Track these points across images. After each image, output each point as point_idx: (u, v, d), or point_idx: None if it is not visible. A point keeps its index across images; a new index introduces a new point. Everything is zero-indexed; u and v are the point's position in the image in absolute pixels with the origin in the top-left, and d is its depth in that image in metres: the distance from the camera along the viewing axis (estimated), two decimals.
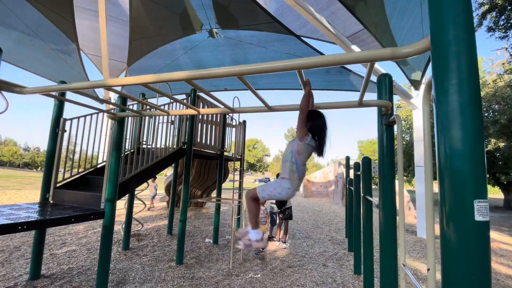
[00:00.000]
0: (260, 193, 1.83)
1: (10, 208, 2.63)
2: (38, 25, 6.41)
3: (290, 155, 1.82)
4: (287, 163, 1.82)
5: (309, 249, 5.22)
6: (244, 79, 1.56)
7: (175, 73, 1.44)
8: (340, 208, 12.60)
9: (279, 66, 1.21)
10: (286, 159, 1.84)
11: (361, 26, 5.84)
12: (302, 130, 1.79)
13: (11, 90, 1.95)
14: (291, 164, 1.80)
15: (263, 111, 2.04)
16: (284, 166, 1.85)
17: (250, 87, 1.78)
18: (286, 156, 1.85)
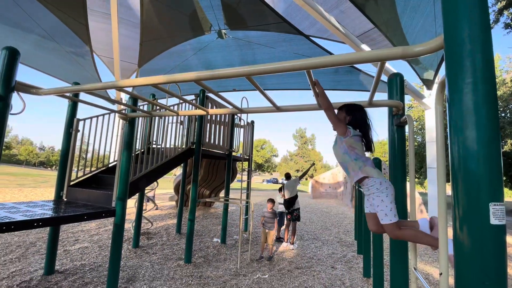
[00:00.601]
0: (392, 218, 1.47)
1: (27, 205, 2.72)
2: (54, 28, 6.61)
3: (347, 155, 1.63)
4: (350, 163, 1.63)
5: (317, 250, 5.17)
6: (252, 80, 1.56)
7: (185, 74, 1.46)
8: (349, 209, 12.44)
9: (287, 66, 1.21)
10: (346, 160, 1.64)
11: (371, 25, 5.75)
12: (340, 126, 1.63)
13: (28, 91, 2.02)
14: (356, 162, 1.61)
15: (271, 111, 2.03)
16: (352, 167, 1.62)
17: (259, 88, 1.79)
18: (344, 159, 1.66)
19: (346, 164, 1.65)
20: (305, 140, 64.47)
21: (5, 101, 1.86)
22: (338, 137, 1.67)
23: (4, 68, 1.87)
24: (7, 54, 1.90)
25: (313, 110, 1.94)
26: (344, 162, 1.65)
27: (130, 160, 2.81)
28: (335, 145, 1.71)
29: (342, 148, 1.64)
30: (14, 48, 1.94)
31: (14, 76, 1.93)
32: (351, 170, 1.62)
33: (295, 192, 5.57)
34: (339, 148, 1.66)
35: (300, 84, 7.80)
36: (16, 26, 6.40)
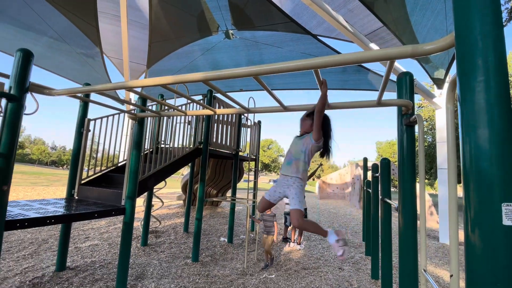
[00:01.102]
0: (301, 208, 1.82)
1: (40, 203, 2.80)
2: (65, 31, 6.77)
3: (303, 154, 1.85)
4: (300, 161, 1.85)
5: (324, 251, 5.14)
6: (260, 79, 1.57)
7: (192, 74, 1.47)
8: (357, 210, 12.30)
9: (295, 65, 1.21)
10: (298, 157, 1.86)
11: (380, 23, 5.68)
12: (320, 132, 1.81)
13: (41, 92, 2.07)
14: (304, 164, 1.84)
15: (278, 111, 2.03)
16: (297, 164, 1.85)
17: (266, 87, 1.79)
18: (298, 154, 1.86)
19: (297, 159, 1.85)
20: None
21: (20, 102, 1.92)
22: (310, 138, 1.85)
23: (18, 69, 1.93)
24: (21, 56, 1.96)
25: None
26: (297, 157, 1.86)
27: (139, 159, 2.86)
28: (303, 140, 1.90)
29: (307, 148, 1.85)
30: (28, 50, 2.00)
31: (28, 77, 1.98)
32: (296, 165, 1.85)
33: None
34: (303, 145, 1.87)
35: (307, 83, 7.76)
36: (29, 29, 6.58)
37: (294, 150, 1.91)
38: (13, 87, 1.91)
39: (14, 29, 6.45)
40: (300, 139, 1.93)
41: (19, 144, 49.53)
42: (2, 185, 1.83)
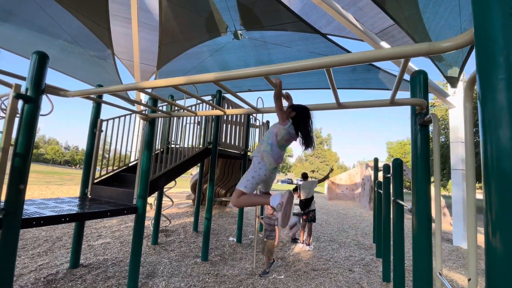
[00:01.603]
0: (241, 188, 1.87)
1: (54, 201, 2.88)
2: (79, 34, 6.94)
3: (268, 136, 1.95)
4: (263, 143, 1.96)
5: (334, 253, 5.09)
6: (270, 79, 1.56)
7: (204, 75, 1.48)
8: (367, 211, 12.12)
9: (307, 65, 1.20)
10: (264, 140, 1.97)
11: (391, 21, 5.58)
12: (282, 115, 1.91)
13: (57, 93, 2.13)
14: (266, 145, 1.93)
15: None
16: (259, 146, 1.98)
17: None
18: (265, 137, 1.98)
19: (262, 142, 1.98)
20: (320, 140, 63.55)
21: (36, 103, 1.98)
22: (277, 123, 1.97)
23: (34, 71, 1.99)
24: (37, 58, 2.01)
25: (332, 109, 1.92)
26: (263, 140, 1.99)
27: (150, 159, 2.90)
28: (273, 125, 2.01)
29: (273, 130, 1.95)
30: (44, 53, 2.06)
31: (44, 79, 2.04)
32: (258, 147, 1.97)
33: (312, 193, 5.50)
34: (271, 129, 1.98)
35: (315, 83, 7.70)
36: (43, 32, 6.78)
37: (265, 135, 2.03)
38: (29, 89, 1.96)
39: (29, 32, 6.65)
40: (271, 126, 2.06)
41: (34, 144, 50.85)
42: (19, 184, 1.89)
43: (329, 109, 2.00)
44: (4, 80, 1.90)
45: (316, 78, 7.24)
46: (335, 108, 1.88)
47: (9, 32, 6.50)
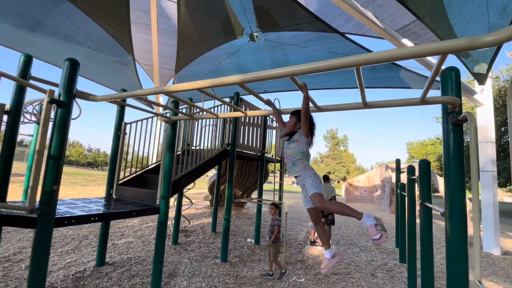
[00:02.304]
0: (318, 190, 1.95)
1: (83, 201, 3.00)
2: (102, 41, 7.25)
3: (300, 154, 2.05)
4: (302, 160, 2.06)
5: (355, 256, 4.95)
6: (295, 80, 1.55)
7: (229, 78, 1.49)
8: (387, 214, 11.73)
9: (336, 64, 1.17)
10: (298, 157, 2.05)
11: (412, 18, 5.41)
12: (308, 130, 2.02)
13: (86, 98, 2.22)
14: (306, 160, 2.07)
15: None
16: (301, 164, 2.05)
17: (304, 88, 1.76)
18: (297, 155, 2.05)
19: (298, 160, 2.04)
20: (336, 141, 62.33)
21: (68, 107, 2.07)
22: (300, 137, 2.04)
23: (67, 77, 2.09)
24: (69, 65, 2.12)
25: (357, 109, 1.87)
26: (297, 158, 2.04)
27: (173, 160, 2.96)
28: (293, 142, 2.09)
29: (303, 147, 2.04)
30: (75, 59, 2.16)
31: (75, 84, 2.14)
32: (301, 165, 2.04)
33: (330, 195, 5.39)
34: (298, 146, 2.05)
35: (335, 83, 7.58)
36: (69, 40, 7.14)
37: (292, 152, 2.08)
38: (62, 94, 2.06)
39: (57, 41, 7.02)
40: (291, 142, 2.10)
41: None
42: (53, 184, 1.99)
43: (352, 109, 1.95)
44: (39, 86, 2.00)
45: (335, 78, 7.12)
46: (361, 108, 1.84)
47: (38, 41, 6.90)
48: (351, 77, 7.21)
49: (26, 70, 2.61)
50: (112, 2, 6.14)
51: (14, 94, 2.60)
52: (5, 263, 3.30)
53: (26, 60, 2.65)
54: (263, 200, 5.21)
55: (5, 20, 5.97)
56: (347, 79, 7.07)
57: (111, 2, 6.15)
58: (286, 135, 2.18)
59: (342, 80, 7.17)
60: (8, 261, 3.40)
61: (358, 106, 1.88)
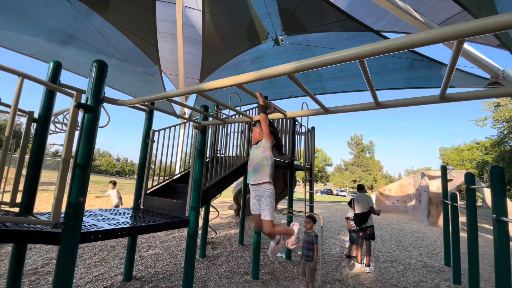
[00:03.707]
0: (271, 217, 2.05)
1: (110, 212, 2.86)
2: (130, 53, 7.41)
3: (265, 160, 2.05)
4: (265, 167, 2.05)
5: (400, 276, 4.40)
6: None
7: (278, 68, 1.24)
8: (426, 227, 10.74)
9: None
10: (263, 163, 2.06)
11: (455, 10, 4.92)
12: (270, 136, 2.09)
13: (115, 103, 2.07)
14: (269, 168, 2.05)
15: (371, 109, 1.66)
16: (263, 170, 2.05)
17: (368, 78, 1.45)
18: (263, 161, 2.06)
19: (263, 165, 2.04)
20: (362, 147, 60.06)
21: (96, 113, 1.92)
22: (265, 143, 2.10)
23: (95, 80, 1.95)
24: (97, 67, 1.98)
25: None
26: (263, 164, 2.05)
27: (203, 169, 2.74)
28: (260, 148, 2.12)
29: (267, 153, 2.07)
30: (103, 61, 2.02)
31: (103, 87, 1.99)
32: (263, 172, 2.04)
33: (367, 207, 4.90)
34: (262, 152, 2.08)
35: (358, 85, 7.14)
36: (100, 52, 7.38)
37: (256, 158, 2.10)
38: (89, 98, 1.92)
39: (89, 53, 7.28)
40: (257, 148, 2.15)
41: None
42: (79, 196, 1.82)
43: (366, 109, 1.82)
44: (68, 90, 1.87)
45: (359, 80, 6.68)
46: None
47: (71, 54, 7.20)
48: (384, 78, 6.72)
49: (55, 77, 2.55)
50: (140, 14, 6.26)
51: (42, 101, 2.54)
52: (32, 276, 3.22)
53: (55, 67, 2.59)
54: (294, 211, 4.85)
55: (39, 34, 6.27)
56: (379, 79, 6.59)
57: (138, 14, 6.27)
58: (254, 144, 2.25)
59: (374, 81, 6.71)
60: (35, 273, 3.33)
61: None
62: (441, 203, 11.34)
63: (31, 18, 5.82)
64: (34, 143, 2.47)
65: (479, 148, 25.75)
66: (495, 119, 17.28)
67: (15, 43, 6.66)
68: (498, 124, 17.32)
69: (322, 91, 8.07)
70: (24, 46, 6.68)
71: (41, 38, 6.39)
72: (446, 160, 38.05)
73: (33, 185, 2.45)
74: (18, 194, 2.40)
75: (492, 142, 18.64)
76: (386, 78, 6.71)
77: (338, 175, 62.59)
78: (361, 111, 1.73)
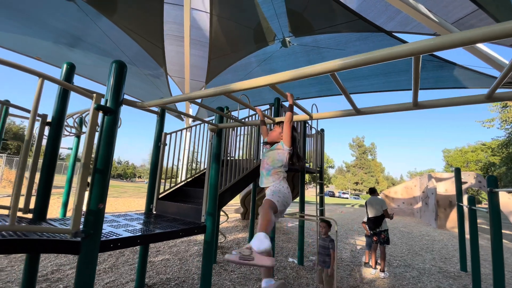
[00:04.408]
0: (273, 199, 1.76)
1: (124, 218, 2.77)
2: (136, 55, 7.38)
3: (280, 162, 1.94)
4: (278, 170, 1.93)
5: (416, 282, 4.28)
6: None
7: (321, 65, 1.15)
8: (434, 230, 10.58)
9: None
10: (277, 166, 1.93)
11: (469, 9, 4.84)
12: (290, 140, 1.96)
13: (134, 105, 2.00)
14: (283, 172, 1.95)
15: (408, 109, 1.59)
16: (277, 174, 1.92)
17: None
18: (275, 163, 1.94)
19: (275, 168, 1.93)
20: (364, 149, 59.81)
21: (115, 115, 1.85)
22: (282, 146, 1.98)
23: (114, 81, 1.87)
24: (116, 68, 1.91)
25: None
26: (274, 166, 1.94)
27: (219, 173, 2.65)
28: (274, 150, 2.01)
29: (283, 156, 1.95)
30: (122, 62, 1.95)
31: (123, 89, 1.92)
32: (275, 176, 1.92)
33: (381, 210, 4.79)
34: (279, 155, 1.97)
35: (375, 86, 7.04)
36: (106, 55, 7.35)
37: (271, 160, 1.98)
38: (109, 100, 1.85)
39: (96, 56, 7.24)
40: (272, 150, 2.03)
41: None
42: (99, 202, 1.73)
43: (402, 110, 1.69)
44: (85, 91, 1.80)
45: (377, 80, 6.60)
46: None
47: (77, 56, 7.16)
48: (395, 79, 6.64)
49: (69, 79, 2.48)
50: (147, 16, 6.22)
51: (56, 104, 2.47)
52: (43, 283, 3.13)
53: (69, 68, 2.53)
54: (306, 215, 4.75)
55: (47, 37, 6.24)
56: (390, 80, 6.51)
57: (146, 16, 6.23)
58: (268, 143, 2.12)
59: (384, 82, 6.61)
60: (46, 280, 3.24)
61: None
62: (449, 205, 11.20)
63: (41, 21, 5.80)
64: (48, 147, 2.40)
65: (484, 150, 25.52)
66: (502, 120, 17.10)
67: (23, 46, 6.64)
68: (506, 125, 17.13)
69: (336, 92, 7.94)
70: (32, 49, 6.66)
71: (49, 41, 6.36)
72: (450, 161, 37.73)
73: (47, 191, 2.37)
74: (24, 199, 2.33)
75: (500, 143, 18.43)
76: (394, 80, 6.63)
77: (339, 177, 62.31)
78: (396, 111, 1.65)
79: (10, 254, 3.89)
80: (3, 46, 6.50)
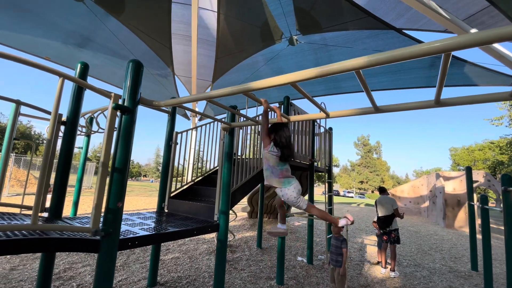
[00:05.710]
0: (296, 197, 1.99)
1: (138, 216, 2.79)
2: (144, 55, 7.40)
3: (272, 162, 2.00)
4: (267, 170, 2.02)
5: (427, 282, 4.24)
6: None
7: (348, 62, 1.13)
8: (442, 229, 10.47)
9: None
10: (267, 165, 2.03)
11: (480, 6, 4.77)
12: (264, 140, 2.03)
13: (150, 104, 2.01)
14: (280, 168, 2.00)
15: (429, 107, 1.57)
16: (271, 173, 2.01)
17: None
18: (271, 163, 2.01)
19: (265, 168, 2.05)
20: (369, 148, 59.40)
21: (133, 115, 1.85)
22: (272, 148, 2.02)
23: (131, 80, 1.88)
24: (134, 67, 1.91)
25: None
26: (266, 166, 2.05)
27: (231, 171, 2.65)
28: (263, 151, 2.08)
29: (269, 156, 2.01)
30: (139, 61, 1.96)
31: (139, 88, 1.93)
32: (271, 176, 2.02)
33: (391, 209, 4.75)
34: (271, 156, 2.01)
35: (383, 84, 6.97)
36: (115, 55, 7.39)
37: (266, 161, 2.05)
38: (126, 99, 1.85)
39: (104, 56, 7.29)
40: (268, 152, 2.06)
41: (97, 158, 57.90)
42: (118, 201, 1.74)
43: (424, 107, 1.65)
44: (102, 90, 1.81)
45: (384, 78, 6.53)
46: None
47: (86, 56, 7.22)
48: (402, 77, 6.56)
49: (83, 78, 2.50)
50: (155, 15, 6.23)
51: (70, 104, 2.50)
52: (56, 282, 3.17)
53: (83, 68, 2.55)
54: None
55: (56, 38, 6.29)
56: (398, 78, 6.43)
57: (154, 16, 6.25)
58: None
59: (393, 80, 6.53)
60: (58, 278, 3.28)
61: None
62: (457, 204, 11.07)
63: (50, 22, 5.85)
64: (63, 146, 2.42)
65: (492, 148, 25.14)
66: (511, 118, 16.83)
67: (32, 47, 6.71)
68: None
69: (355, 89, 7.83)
70: (41, 49, 6.72)
71: (58, 41, 6.42)
72: (457, 160, 37.26)
73: (62, 189, 2.40)
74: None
75: (508, 141, 18.14)
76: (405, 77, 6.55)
77: (344, 176, 62.02)
78: (417, 109, 1.63)
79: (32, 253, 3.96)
80: (13, 46, 6.58)
